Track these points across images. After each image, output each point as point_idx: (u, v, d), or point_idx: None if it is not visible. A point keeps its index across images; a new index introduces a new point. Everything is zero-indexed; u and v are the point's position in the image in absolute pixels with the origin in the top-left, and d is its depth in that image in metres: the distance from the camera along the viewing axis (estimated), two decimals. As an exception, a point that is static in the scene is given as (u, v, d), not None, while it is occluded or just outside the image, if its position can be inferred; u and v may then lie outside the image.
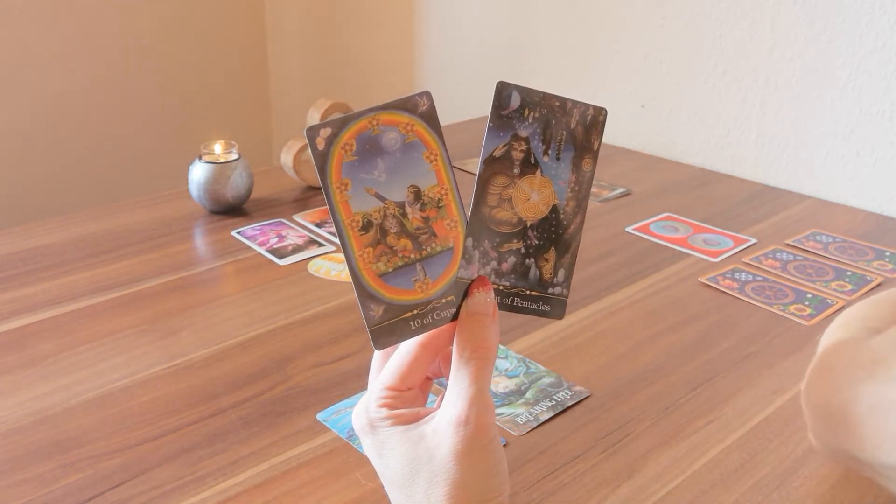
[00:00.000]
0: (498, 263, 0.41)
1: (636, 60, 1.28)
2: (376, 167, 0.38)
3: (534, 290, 0.42)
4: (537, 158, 0.41)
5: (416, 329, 0.40)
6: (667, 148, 1.27)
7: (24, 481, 0.54)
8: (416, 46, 1.63)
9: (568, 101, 0.41)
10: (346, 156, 0.38)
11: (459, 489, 0.38)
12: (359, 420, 0.42)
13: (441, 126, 0.40)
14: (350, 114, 0.38)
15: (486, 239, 0.40)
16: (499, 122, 0.40)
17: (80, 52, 1.69)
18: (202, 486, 0.54)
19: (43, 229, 0.94)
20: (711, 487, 0.55)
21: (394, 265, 0.39)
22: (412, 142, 0.39)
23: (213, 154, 0.98)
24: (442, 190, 0.40)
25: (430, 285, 0.40)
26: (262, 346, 0.71)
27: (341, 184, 0.38)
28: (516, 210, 0.41)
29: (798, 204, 1.07)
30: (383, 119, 0.38)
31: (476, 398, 0.39)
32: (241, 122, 1.99)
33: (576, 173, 0.42)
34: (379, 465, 0.41)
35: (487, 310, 0.40)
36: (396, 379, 0.41)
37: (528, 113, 0.40)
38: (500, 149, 0.40)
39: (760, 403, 0.64)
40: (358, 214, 0.38)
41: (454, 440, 0.38)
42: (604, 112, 0.42)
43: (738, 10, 1.14)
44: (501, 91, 0.40)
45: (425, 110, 0.39)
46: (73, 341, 0.71)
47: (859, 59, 1.04)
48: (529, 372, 0.67)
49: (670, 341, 0.72)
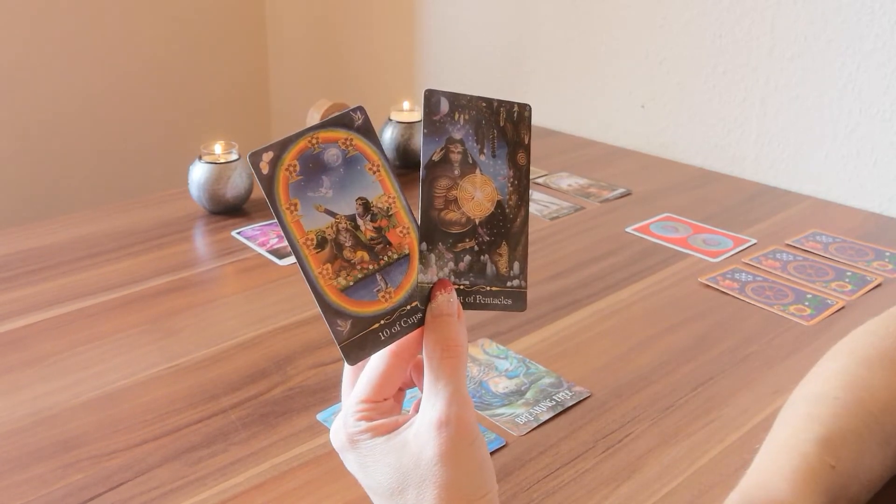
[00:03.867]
0: (455, 264, 0.42)
1: (636, 60, 1.28)
2: (322, 184, 0.39)
3: (493, 286, 0.43)
4: (474, 158, 0.42)
5: (386, 339, 0.40)
6: (667, 148, 1.27)
7: (24, 481, 0.54)
8: (416, 46, 1.63)
9: (494, 101, 0.42)
10: (291, 176, 0.38)
11: (449, 490, 0.38)
12: (337, 438, 0.42)
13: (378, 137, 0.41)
14: (289, 135, 0.39)
15: (439, 241, 0.41)
16: (432, 127, 0.41)
17: (81, 53, 1.69)
18: (202, 487, 0.54)
19: (43, 229, 0.94)
20: (711, 487, 0.55)
21: (354, 278, 0.40)
22: (353, 156, 0.40)
23: (213, 154, 0.98)
24: (389, 199, 0.41)
25: (392, 294, 0.40)
26: (262, 347, 0.71)
27: (291, 204, 0.38)
28: (463, 210, 0.42)
29: (798, 204, 1.07)
30: (322, 137, 0.39)
31: (454, 397, 0.39)
32: (241, 122, 1.99)
33: (512, 168, 0.43)
34: (364, 479, 0.41)
35: (452, 310, 0.41)
36: (372, 391, 0.41)
37: (458, 116, 0.41)
38: (438, 153, 0.41)
39: (760, 403, 0.64)
40: (311, 232, 0.39)
41: (438, 442, 0.38)
42: (528, 108, 0.44)
43: (738, 10, 1.14)
44: (430, 98, 0.41)
45: (361, 124, 0.40)
46: (74, 341, 0.71)
47: (859, 59, 1.04)
48: (529, 372, 0.67)
49: (670, 341, 0.72)
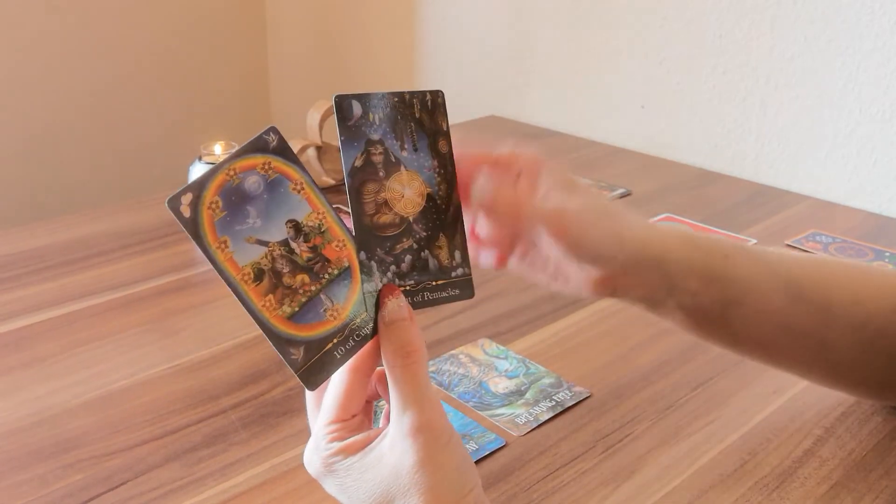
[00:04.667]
0: (397, 266, 0.42)
1: (636, 60, 1.28)
2: (249, 215, 0.38)
3: (439, 280, 0.43)
4: (396, 156, 0.42)
5: (342, 356, 0.40)
6: (667, 148, 1.27)
7: (24, 481, 0.54)
8: (416, 46, 1.63)
9: (405, 94, 0.42)
10: (215, 214, 0.37)
11: (434, 493, 0.37)
12: (312, 465, 0.41)
13: (295, 152, 0.40)
14: (204, 173, 0.38)
15: (376, 247, 0.41)
16: (349, 133, 0.40)
17: (81, 53, 1.69)
18: (202, 487, 0.54)
19: (43, 229, 0.94)
20: (711, 487, 0.55)
21: (298, 303, 0.39)
22: (274, 178, 0.39)
23: (213, 154, 0.98)
24: (319, 215, 0.40)
25: (340, 310, 0.40)
26: (263, 347, 0.71)
27: (220, 243, 0.37)
28: (395, 210, 0.41)
29: (798, 204, 1.07)
30: (239, 167, 0.38)
31: (421, 402, 0.38)
32: (241, 122, 1.99)
33: (436, 157, 0.43)
34: (348, 500, 0.40)
35: (403, 314, 0.40)
36: (338, 410, 0.41)
37: (372, 116, 0.41)
38: (360, 158, 0.41)
39: (760, 403, 0.64)
40: (247, 267, 0.38)
41: (414, 449, 0.38)
42: (440, 94, 0.44)
43: (738, 10, 1.14)
44: (341, 104, 0.40)
45: (276, 145, 0.39)
46: (74, 341, 0.71)
47: (859, 59, 1.04)
48: (529, 372, 0.67)
49: (670, 341, 0.72)
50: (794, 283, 0.53)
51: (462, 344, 0.71)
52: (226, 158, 0.38)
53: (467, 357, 0.69)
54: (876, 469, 0.57)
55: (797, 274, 0.53)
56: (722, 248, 0.51)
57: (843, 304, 0.54)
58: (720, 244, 0.51)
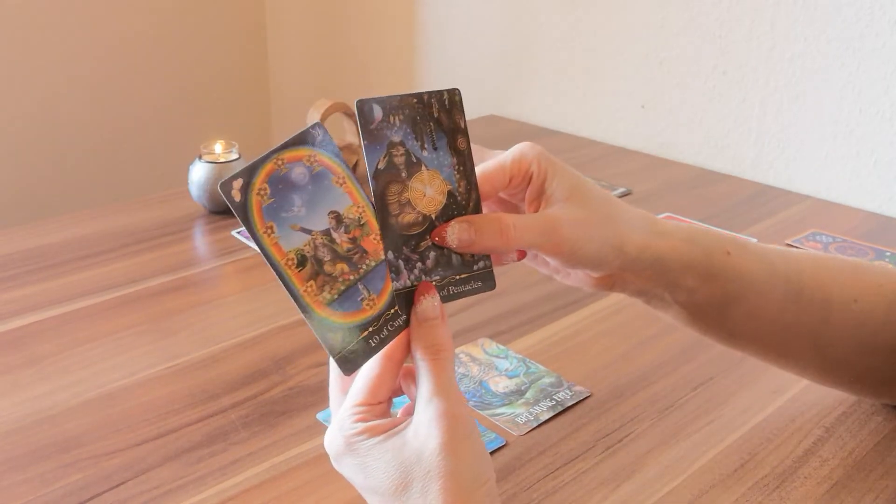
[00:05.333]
0: (423, 263, 0.43)
1: (636, 60, 1.28)
2: (294, 203, 0.40)
3: (462, 273, 0.44)
4: (417, 156, 0.43)
5: (376, 345, 0.42)
6: (667, 148, 1.27)
7: (24, 481, 0.54)
8: (416, 46, 1.63)
9: (423, 94, 0.43)
10: (263, 200, 0.39)
11: (454, 480, 0.38)
12: (334, 445, 0.42)
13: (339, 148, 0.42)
14: (255, 160, 0.39)
15: (403, 246, 0.42)
16: (371, 136, 0.41)
17: (80, 52, 1.69)
18: (202, 486, 0.54)
19: (43, 229, 0.94)
20: (711, 487, 0.55)
21: (338, 291, 0.40)
22: (319, 171, 0.40)
23: (213, 154, 0.98)
24: (359, 209, 0.41)
25: (376, 300, 0.42)
26: (262, 346, 0.71)
27: (267, 227, 0.39)
28: (418, 209, 0.43)
29: (798, 204, 1.07)
30: (287, 157, 0.40)
31: (447, 394, 0.40)
32: (241, 122, 1.99)
33: (455, 155, 0.44)
34: (365, 480, 0.41)
35: (436, 314, 0.42)
36: (367, 394, 0.42)
37: (393, 118, 0.42)
38: (382, 160, 0.42)
39: (760, 403, 0.64)
40: (291, 252, 0.40)
41: (438, 433, 0.39)
42: (457, 92, 0.44)
43: (738, 10, 1.14)
44: (362, 107, 0.41)
45: (321, 139, 0.41)
46: (73, 341, 0.71)
47: (859, 59, 1.04)
48: (529, 372, 0.67)
49: (670, 341, 0.72)
50: (795, 282, 0.53)
51: (462, 343, 0.71)
52: (274, 148, 0.40)
53: (468, 356, 0.69)
54: (876, 469, 0.57)
55: (798, 272, 0.53)
56: (723, 246, 0.51)
57: (843, 302, 0.54)
58: (721, 241, 0.52)
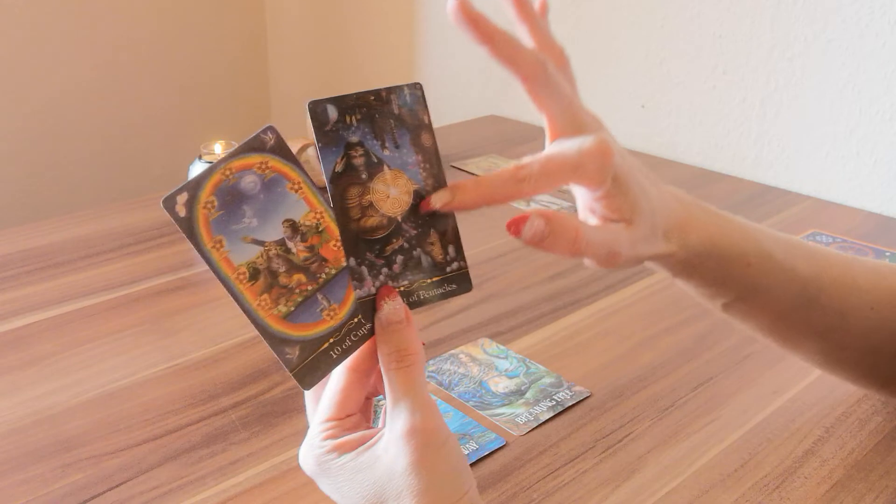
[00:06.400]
0: (388, 268, 0.41)
1: (636, 60, 1.28)
2: (245, 214, 0.38)
3: (434, 276, 0.42)
4: (378, 156, 0.40)
5: (338, 356, 0.40)
6: (667, 148, 1.27)
7: (25, 481, 0.54)
8: (416, 46, 1.63)
9: (382, 91, 0.41)
10: (210, 213, 0.37)
11: (427, 496, 0.37)
12: (307, 464, 0.41)
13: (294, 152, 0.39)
14: (200, 173, 0.37)
15: (366, 251, 0.40)
16: (326, 138, 0.39)
17: (80, 52, 1.69)
18: (202, 486, 0.54)
19: (43, 229, 0.94)
20: (711, 487, 0.55)
21: (294, 303, 0.39)
22: (272, 178, 0.38)
23: (213, 154, 0.98)
24: (317, 214, 0.39)
25: (337, 310, 0.40)
26: (263, 347, 0.71)
27: (215, 242, 0.37)
28: (382, 211, 0.41)
29: (798, 204, 1.07)
30: (235, 166, 0.38)
31: (416, 405, 0.38)
32: (241, 122, 1.99)
33: (420, 153, 0.42)
34: (341, 500, 0.40)
35: (400, 317, 0.40)
36: (334, 409, 0.40)
37: (349, 118, 0.40)
38: (340, 162, 0.40)
39: (760, 403, 0.64)
40: (242, 266, 0.38)
41: (408, 451, 0.37)
42: (419, 86, 0.42)
43: (738, 10, 1.14)
44: (315, 109, 0.39)
45: (273, 144, 0.38)
46: (73, 341, 0.71)
47: (859, 59, 1.03)
48: (529, 372, 0.67)
49: (670, 341, 0.72)
50: (813, 289, 0.52)
51: (462, 343, 0.71)
52: (222, 158, 0.38)
53: (467, 356, 0.69)
54: (876, 469, 0.57)
55: (817, 278, 0.52)
56: (745, 256, 0.49)
57: (859, 309, 0.53)
58: (745, 248, 0.49)
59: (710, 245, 0.48)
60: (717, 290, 0.50)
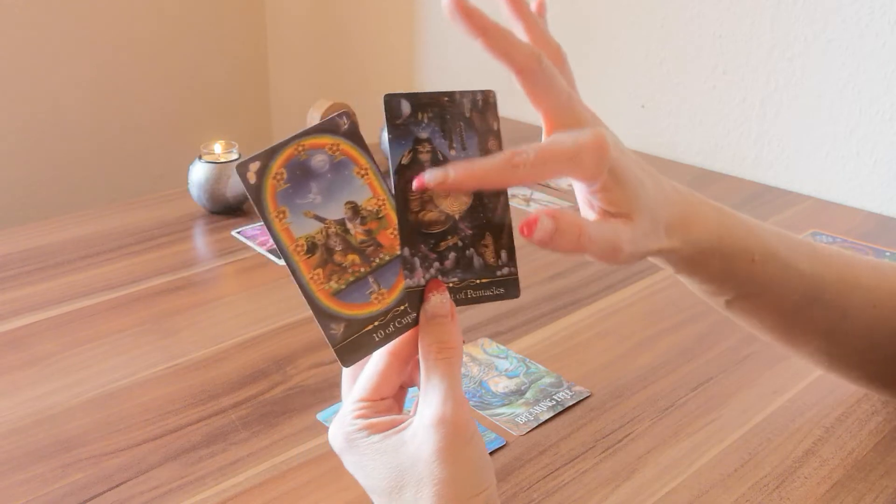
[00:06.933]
0: (440, 263, 0.42)
1: (636, 60, 1.28)
2: (310, 190, 0.39)
3: (483, 278, 0.43)
4: (444, 154, 0.42)
5: (381, 340, 0.41)
6: (667, 148, 1.27)
7: (25, 481, 0.54)
8: (416, 46, 1.63)
9: (456, 93, 0.42)
10: (279, 185, 0.39)
11: (446, 487, 0.38)
12: (336, 439, 0.42)
13: (365, 140, 0.41)
14: (275, 144, 0.39)
15: (420, 244, 0.41)
16: (396, 131, 0.41)
17: (80, 52, 1.69)
18: (202, 486, 0.54)
19: (43, 229, 0.94)
20: (711, 487, 0.55)
21: (346, 281, 0.40)
22: (341, 160, 0.40)
23: (213, 154, 0.98)
24: (378, 201, 0.41)
25: (385, 295, 0.41)
26: (262, 346, 0.71)
27: (279, 212, 0.39)
28: (441, 208, 0.41)
29: (798, 204, 1.07)
30: (308, 144, 0.39)
31: (448, 396, 0.39)
32: (241, 122, 1.99)
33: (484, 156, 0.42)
34: (364, 478, 0.41)
35: (445, 311, 0.41)
36: (369, 390, 0.41)
37: (421, 115, 0.41)
38: (406, 155, 0.41)
39: (760, 403, 0.64)
40: (301, 238, 0.39)
41: (435, 440, 0.38)
42: (492, 94, 0.43)
43: (738, 10, 1.14)
44: (390, 102, 0.41)
45: (347, 129, 0.40)
46: (73, 341, 0.71)
47: (859, 59, 1.04)
48: (529, 372, 0.67)
49: (670, 341, 0.72)
50: (816, 288, 0.52)
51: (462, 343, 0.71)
52: (297, 133, 0.39)
53: (467, 356, 0.69)
54: (876, 469, 0.57)
55: (821, 277, 0.52)
56: (750, 252, 0.49)
57: (861, 307, 0.53)
58: (749, 245, 0.49)
59: (713, 241, 0.48)
60: (721, 287, 0.50)
